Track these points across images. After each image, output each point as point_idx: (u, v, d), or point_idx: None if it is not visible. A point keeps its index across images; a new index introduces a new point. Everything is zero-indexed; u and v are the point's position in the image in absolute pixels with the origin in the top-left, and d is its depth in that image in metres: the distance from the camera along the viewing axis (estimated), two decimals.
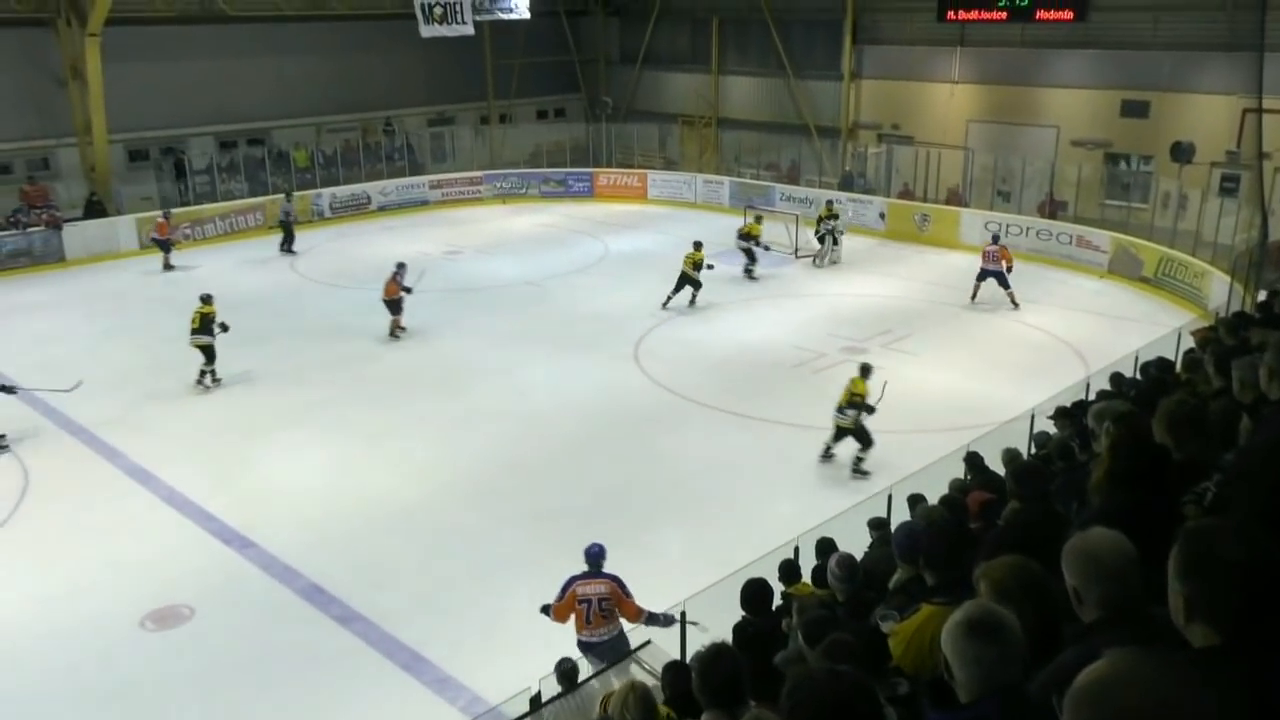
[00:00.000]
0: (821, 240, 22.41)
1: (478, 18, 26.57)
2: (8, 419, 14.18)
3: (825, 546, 7.18)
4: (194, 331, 15.45)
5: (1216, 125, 21.64)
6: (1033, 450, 8.98)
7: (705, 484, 12.14)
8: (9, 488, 12.19)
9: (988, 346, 17.00)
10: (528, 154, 32.26)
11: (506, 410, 14.39)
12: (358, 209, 27.69)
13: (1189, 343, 9.42)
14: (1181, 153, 21.14)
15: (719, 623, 6.56)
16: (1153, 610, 2.41)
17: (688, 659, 6.08)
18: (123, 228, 23.74)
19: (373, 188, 28.19)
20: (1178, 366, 8.66)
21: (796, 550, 7.54)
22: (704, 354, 16.70)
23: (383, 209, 28.06)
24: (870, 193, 26.46)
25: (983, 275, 18.94)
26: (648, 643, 7.43)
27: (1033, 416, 10.10)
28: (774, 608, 6.49)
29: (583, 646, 7.80)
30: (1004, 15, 24.43)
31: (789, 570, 7.19)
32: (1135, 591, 2.56)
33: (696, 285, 18.96)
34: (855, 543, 7.31)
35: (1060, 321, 18.07)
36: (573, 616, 7.86)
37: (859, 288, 20.48)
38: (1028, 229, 22.61)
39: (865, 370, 12.46)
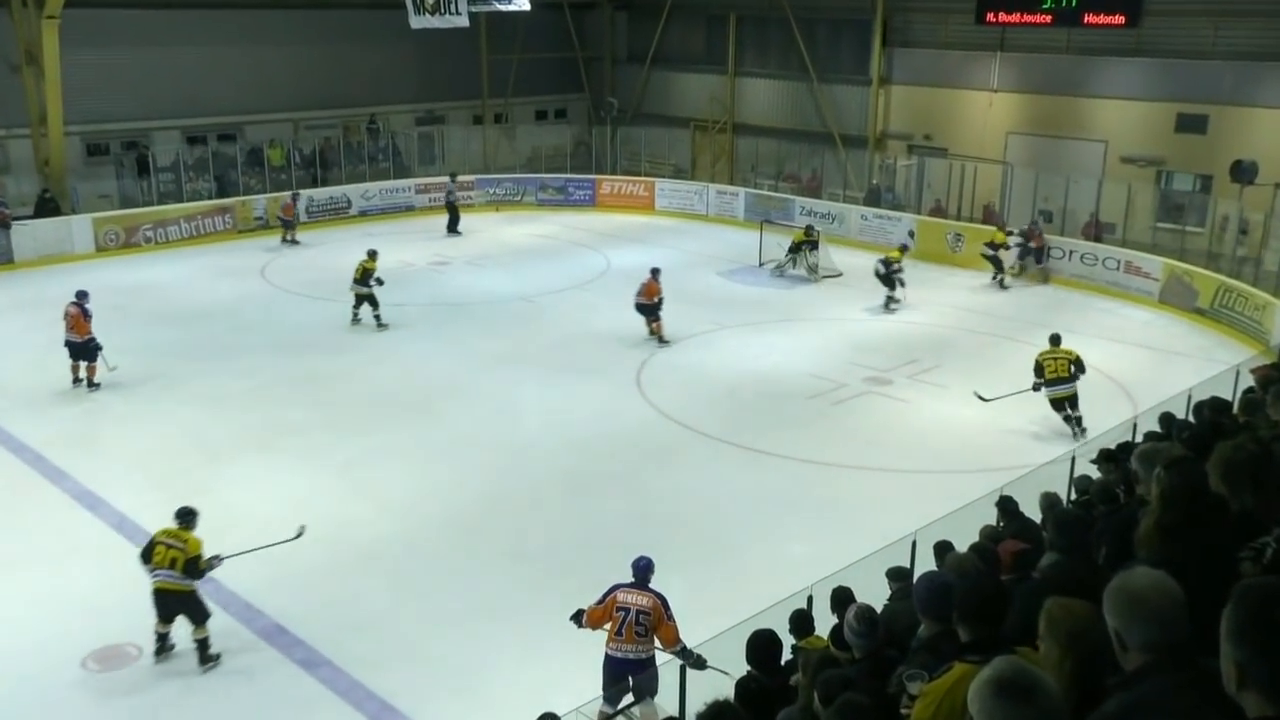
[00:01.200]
0: (795, 260, 22.82)
1: (473, 9, 26.82)
2: None
3: (841, 597, 7.13)
4: (355, 281, 19.02)
5: None
6: (1073, 496, 8.96)
7: (710, 524, 12.10)
8: None
9: (1024, 380, 16.96)
10: (525, 158, 32.46)
11: (493, 439, 14.38)
12: (336, 213, 27.82)
13: (1248, 381, 9.41)
14: (1243, 172, 21.20)
15: (721, 678, 6.52)
16: (1201, 659, 2.40)
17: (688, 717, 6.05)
18: (78, 228, 23.85)
19: (354, 190, 28.34)
20: (1235, 407, 8.65)
21: (810, 600, 7.51)
22: (712, 382, 16.70)
23: (364, 214, 28.19)
24: (899, 208, 26.54)
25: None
26: (645, 695, 7.39)
27: (1073, 459, 10.08)
28: (783, 663, 6.45)
29: (609, 660, 7.97)
30: (1049, 18, 24.60)
31: (801, 621, 7.16)
32: (1182, 636, 2.56)
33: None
34: (874, 593, 7.27)
35: (1105, 355, 18.04)
36: (607, 625, 8.03)
37: (883, 313, 20.50)
38: (1071, 252, 22.67)
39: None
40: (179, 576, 9.39)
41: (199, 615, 9.47)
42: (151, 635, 9.53)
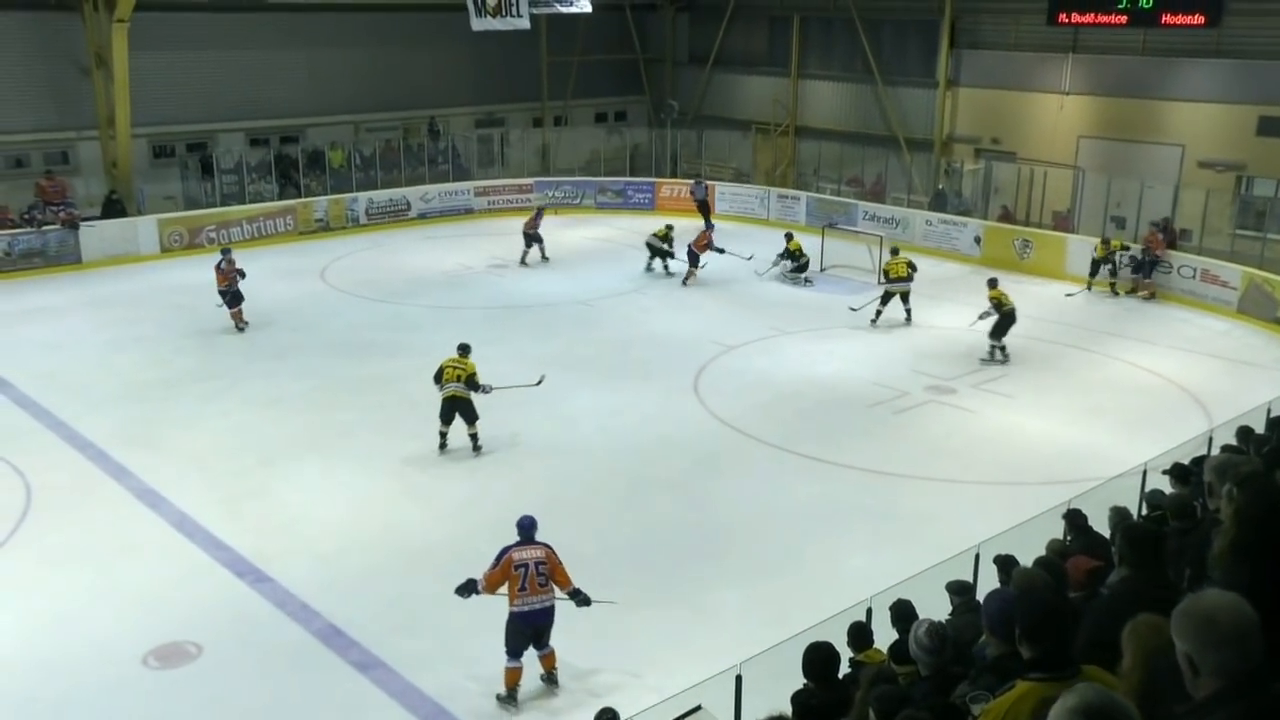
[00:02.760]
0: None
1: (534, 11, 27.00)
2: (12, 431, 14.60)
3: (902, 611, 7.06)
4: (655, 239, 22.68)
5: None
6: (1144, 511, 8.78)
7: (767, 533, 12.05)
8: (10, 506, 12.51)
9: (1094, 390, 16.69)
10: (584, 160, 32.58)
11: (549, 442, 14.45)
12: (396, 216, 28.16)
13: None
14: None
15: (777, 691, 6.46)
16: (1276, 685, 2.35)
17: None
18: (144, 229, 24.41)
19: (413, 193, 28.66)
20: None
21: (869, 612, 7.44)
22: (771, 388, 16.63)
23: (423, 216, 28.50)
24: (965, 214, 26.23)
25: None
26: (697, 708, 7.36)
27: (1144, 472, 9.88)
28: (840, 676, 6.39)
29: (518, 618, 8.82)
30: (1124, 19, 24.15)
31: (859, 634, 7.09)
32: (1257, 660, 2.50)
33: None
34: (934, 606, 7.19)
35: (1179, 365, 17.69)
36: (505, 586, 8.84)
37: (947, 320, 20.26)
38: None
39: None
40: (463, 387, 13.64)
41: (471, 417, 13.83)
42: (436, 437, 13.79)
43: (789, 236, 23.51)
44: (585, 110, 34.86)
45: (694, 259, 22.76)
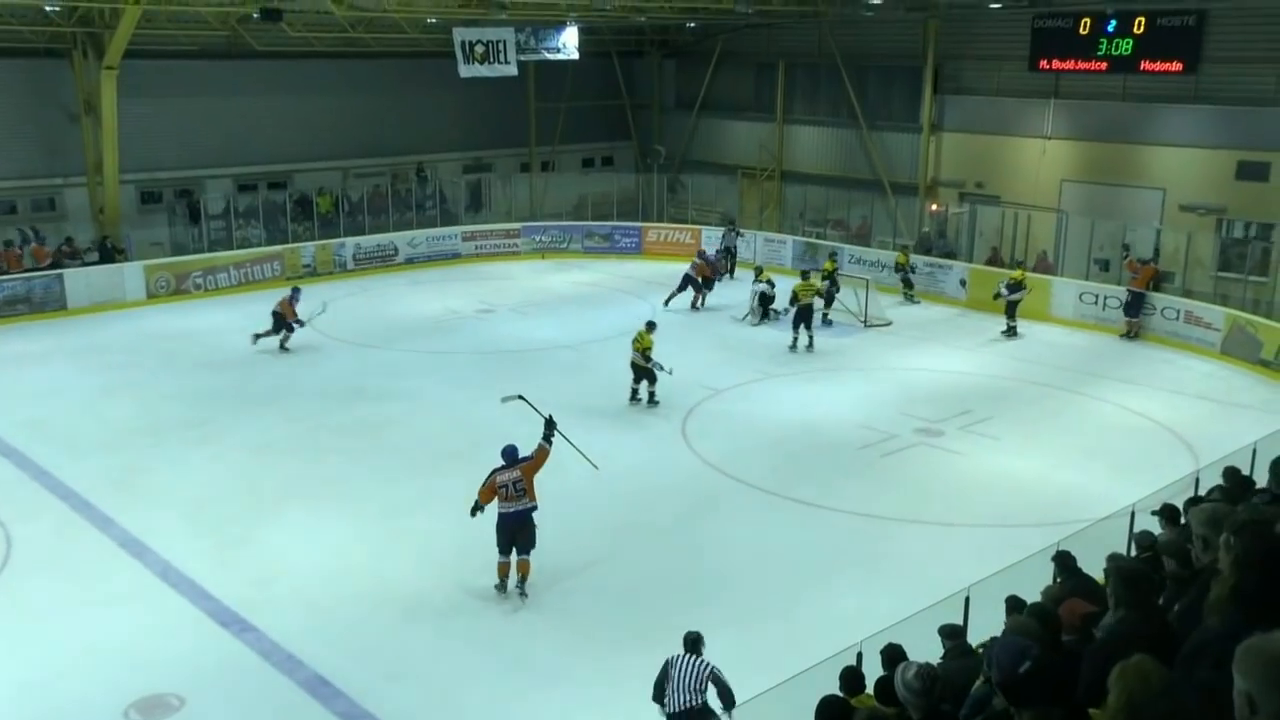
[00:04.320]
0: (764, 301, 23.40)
1: (522, 57, 27.27)
2: None
3: (893, 654, 7.04)
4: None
5: None
6: (1133, 552, 8.79)
7: (757, 577, 12.02)
8: None
9: (1081, 432, 16.76)
10: (571, 205, 32.80)
11: (538, 488, 14.35)
12: (384, 261, 28.24)
13: None
14: None
15: None
16: None
17: None
18: (130, 274, 24.41)
19: (401, 238, 28.77)
20: None
21: (859, 656, 7.41)
22: (759, 431, 16.64)
23: (410, 261, 28.59)
24: (950, 256, 26.43)
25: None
26: None
27: (1133, 513, 9.89)
28: None
29: (502, 517, 11.46)
30: (1104, 65, 24.55)
31: (851, 679, 7.06)
32: None
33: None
34: (926, 650, 7.16)
35: (1165, 406, 17.78)
36: (496, 498, 11.44)
37: (935, 362, 20.36)
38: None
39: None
40: (640, 357, 17.24)
41: (651, 379, 17.31)
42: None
43: (759, 271, 24.01)
44: (572, 155, 35.15)
45: (696, 283, 24.17)
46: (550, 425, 12.08)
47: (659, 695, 8.44)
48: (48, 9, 22.43)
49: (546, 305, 24.73)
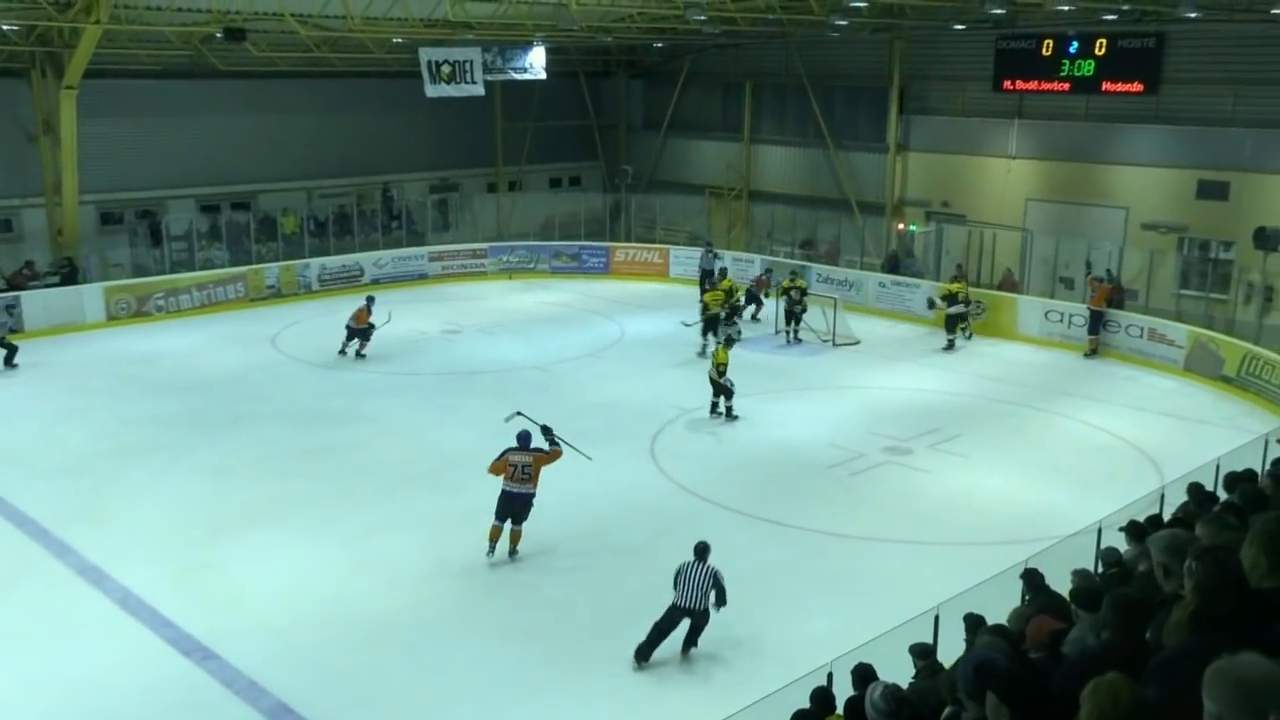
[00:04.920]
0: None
1: (488, 77, 27.30)
2: None
3: (863, 674, 7.05)
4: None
5: None
6: (1099, 569, 8.86)
7: (728, 597, 11.98)
8: None
9: (1048, 449, 16.90)
10: (538, 225, 32.80)
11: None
12: (349, 281, 28.08)
13: (1277, 451, 9.33)
14: (1266, 239, 21.27)
15: None
16: None
17: None
18: (89, 296, 24.11)
19: (366, 259, 28.64)
20: (1261, 479, 8.57)
21: (830, 676, 7.41)
22: (728, 452, 16.66)
23: (376, 282, 28.44)
24: (917, 275, 26.64)
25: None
26: None
27: (1100, 530, 9.98)
28: None
29: (505, 494, 12.61)
30: (1066, 86, 24.94)
31: (822, 699, 7.06)
32: None
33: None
34: (897, 670, 7.18)
35: (1130, 424, 17.97)
36: (504, 474, 12.62)
37: (903, 381, 20.48)
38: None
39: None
40: (716, 372, 17.70)
41: (728, 394, 17.84)
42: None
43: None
44: (540, 175, 35.19)
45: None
46: (549, 432, 13.10)
47: (675, 585, 10.61)
48: (5, 28, 22.20)
49: (514, 326, 24.68)
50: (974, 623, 7.75)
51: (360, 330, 21.74)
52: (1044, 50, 25.13)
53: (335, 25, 24.37)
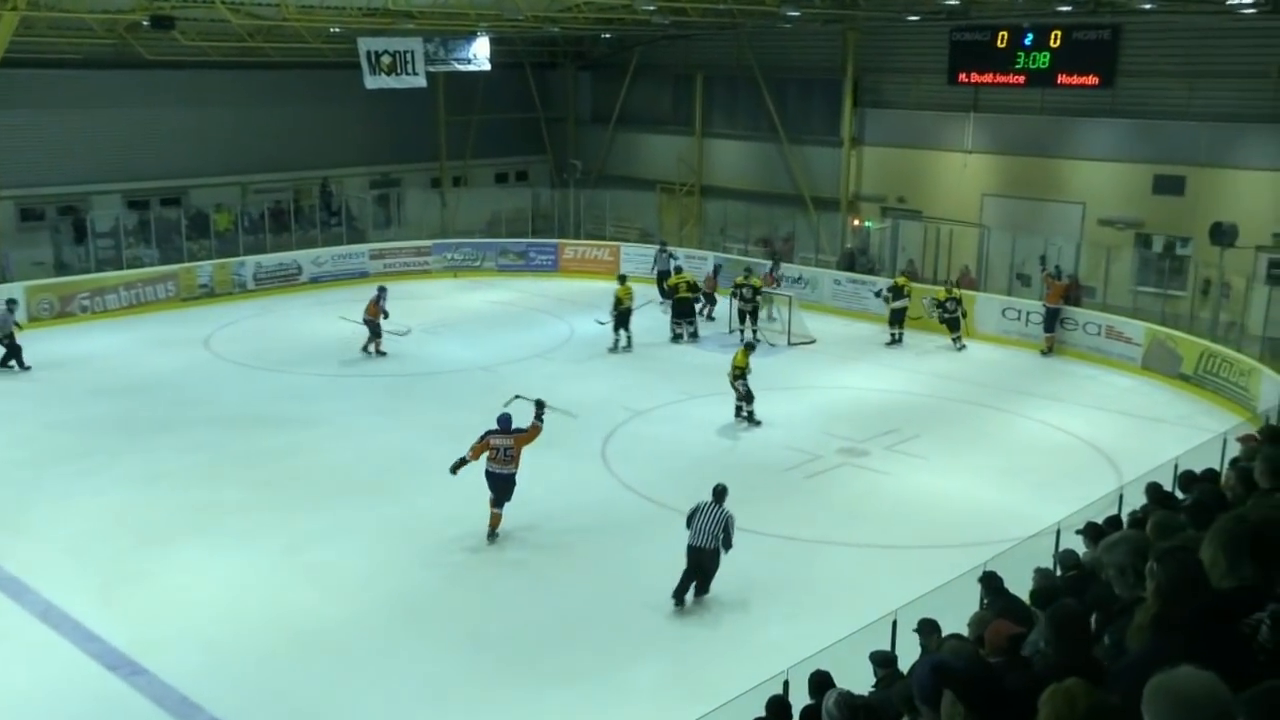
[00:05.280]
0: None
1: (430, 69, 27.07)
2: None
3: (820, 681, 7.06)
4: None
5: (1261, 204, 22.25)
6: (1058, 571, 8.95)
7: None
8: None
9: (1006, 450, 17.09)
10: (484, 222, 32.62)
11: (450, 516, 14.19)
12: (286, 280, 27.75)
13: (1235, 449, 9.48)
14: (1222, 235, 21.65)
15: None
16: None
17: None
18: (10, 296, 23.51)
19: (304, 256, 28.31)
20: (1223, 478, 8.70)
21: (786, 685, 7.42)
22: (681, 454, 16.66)
23: (315, 281, 28.14)
24: (870, 272, 26.83)
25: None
26: None
27: (1058, 532, 10.09)
28: None
29: (488, 475, 13.32)
30: (1021, 79, 25.25)
31: (778, 708, 7.06)
32: None
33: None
34: (855, 677, 7.20)
35: (1087, 423, 18.22)
36: (486, 454, 13.29)
37: (860, 380, 20.62)
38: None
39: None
40: (732, 375, 17.90)
41: (749, 399, 17.84)
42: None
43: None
44: (485, 170, 35.02)
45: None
46: (541, 406, 13.83)
47: (688, 525, 11.79)
48: None
49: (459, 326, 24.53)
50: (928, 628, 7.80)
51: (372, 324, 21.78)
52: (999, 42, 25.41)
53: (269, 14, 24.00)
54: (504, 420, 13.51)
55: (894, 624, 8.37)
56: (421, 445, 16.81)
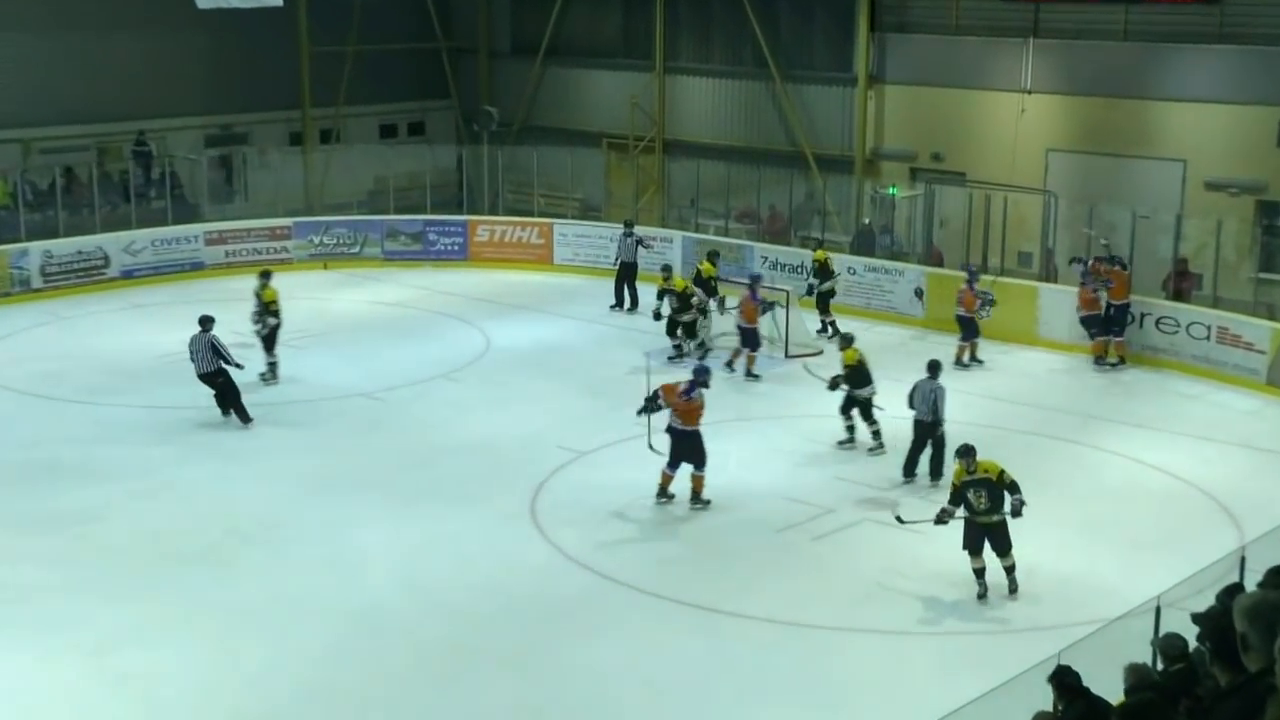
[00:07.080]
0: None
1: None
2: None
3: None
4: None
5: None
6: (1159, 665, 9.00)
7: (643, 714, 12.01)
8: None
9: (1085, 497, 17.17)
10: (365, 192, 32.52)
11: (323, 600, 14.12)
12: (88, 275, 27.54)
13: None
14: None
15: None
16: None
17: None
18: None
19: (113, 242, 28.08)
20: None
21: None
22: (640, 509, 16.65)
23: (129, 276, 27.95)
24: (899, 258, 26.88)
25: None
26: None
27: (1158, 609, 10.16)
28: None
29: (674, 431, 16.54)
30: None
31: None
32: None
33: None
34: None
35: (1194, 459, 18.35)
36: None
37: (883, 404, 20.66)
38: (1143, 315, 22.91)
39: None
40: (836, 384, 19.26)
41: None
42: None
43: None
44: (366, 121, 34.99)
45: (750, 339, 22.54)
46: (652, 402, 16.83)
47: (910, 404, 17.21)
48: None
49: (331, 336, 24.44)
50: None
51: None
52: None
53: None
54: (702, 371, 17.40)
55: None
56: (277, 503, 16.68)
